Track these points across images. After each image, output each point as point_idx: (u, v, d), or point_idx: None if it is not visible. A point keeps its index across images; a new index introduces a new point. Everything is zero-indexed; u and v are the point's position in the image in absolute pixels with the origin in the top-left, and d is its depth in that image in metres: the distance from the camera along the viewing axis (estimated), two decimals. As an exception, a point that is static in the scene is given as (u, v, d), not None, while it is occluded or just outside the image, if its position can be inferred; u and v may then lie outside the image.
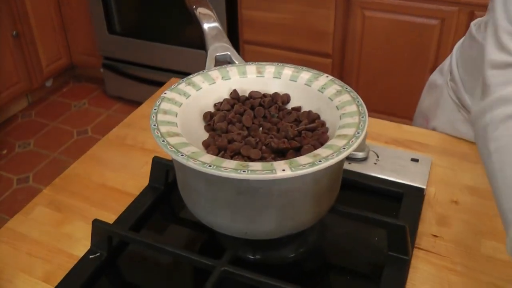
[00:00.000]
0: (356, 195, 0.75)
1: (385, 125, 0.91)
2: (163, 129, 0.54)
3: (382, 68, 2.07)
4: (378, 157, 0.80)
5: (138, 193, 0.75)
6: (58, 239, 0.69)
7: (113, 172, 0.81)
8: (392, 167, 0.78)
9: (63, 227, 0.71)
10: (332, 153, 0.50)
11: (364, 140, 0.80)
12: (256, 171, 0.48)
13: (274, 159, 0.54)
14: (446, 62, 0.97)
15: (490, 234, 0.69)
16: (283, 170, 0.48)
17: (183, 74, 2.45)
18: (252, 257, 0.63)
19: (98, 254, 0.63)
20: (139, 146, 0.87)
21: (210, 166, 0.48)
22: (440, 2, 1.85)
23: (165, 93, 0.61)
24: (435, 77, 0.99)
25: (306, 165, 0.49)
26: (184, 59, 2.42)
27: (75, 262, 0.65)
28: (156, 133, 0.54)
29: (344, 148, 0.51)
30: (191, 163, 0.49)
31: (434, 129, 0.94)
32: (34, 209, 0.74)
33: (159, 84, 2.51)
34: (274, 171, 0.48)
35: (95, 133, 2.57)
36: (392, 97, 2.12)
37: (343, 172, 0.72)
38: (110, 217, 0.71)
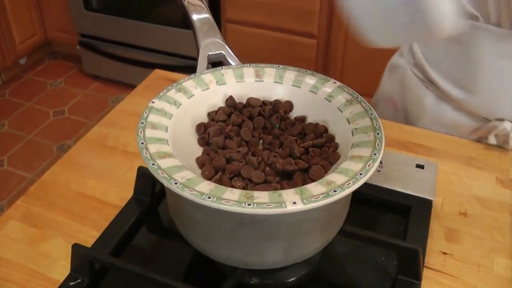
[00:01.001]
0: (360, 207, 0.69)
1: (386, 125, 0.86)
2: (153, 148, 0.48)
3: (369, 50, 2.01)
4: (381, 163, 0.75)
5: (121, 204, 0.69)
6: (34, 259, 0.62)
7: (93, 179, 0.73)
8: (397, 175, 0.73)
9: (39, 245, 0.64)
10: (348, 181, 0.44)
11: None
12: (263, 204, 0.42)
13: (279, 182, 0.48)
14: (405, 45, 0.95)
15: (503, 252, 0.64)
16: (294, 203, 0.42)
17: (162, 53, 2.36)
18: (252, 281, 0.58)
19: (79, 280, 0.57)
20: (121, 148, 0.79)
21: (209, 197, 0.42)
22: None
23: (153, 102, 0.54)
24: (395, 59, 0.99)
25: (320, 196, 0.42)
26: (163, 38, 2.32)
27: (53, 286, 0.58)
28: (145, 154, 0.47)
29: (361, 174, 0.45)
30: (186, 194, 0.43)
31: (404, 111, 0.93)
32: (7, 223, 0.67)
33: (138, 63, 2.44)
34: (283, 204, 0.42)
35: (72, 114, 2.47)
36: (379, 80, 2.06)
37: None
38: (90, 233, 0.65)
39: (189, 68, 2.29)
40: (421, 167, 0.75)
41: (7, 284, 0.59)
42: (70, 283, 0.57)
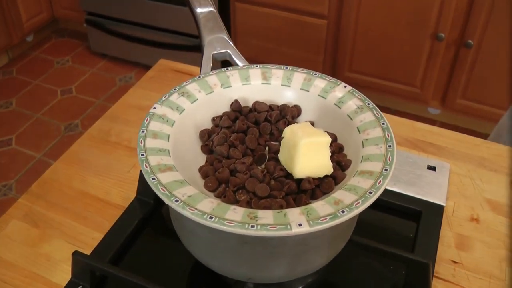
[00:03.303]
0: (368, 211, 0.67)
1: (397, 122, 0.83)
2: (153, 160, 0.46)
3: (380, 32, 1.97)
4: (391, 164, 0.72)
5: (124, 204, 0.67)
6: (35, 261, 0.61)
7: (96, 177, 0.72)
8: (407, 177, 0.70)
9: (40, 246, 0.63)
10: (357, 200, 0.42)
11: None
12: (267, 226, 0.40)
13: (285, 198, 0.46)
14: None
15: (516, 261, 0.62)
16: (300, 225, 0.40)
17: (170, 32, 2.32)
18: (254, 291, 0.56)
19: (80, 287, 0.56)
20: (124, 144, 0.77)
21: (211, 217, 0.40)
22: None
23: (154, 108, 0.52)
24: None
25: (327, 217, 0.41)
26: (171, 16, 2.28)
27: (54, 291, 0.57)
28: (145, 167, 0.45)
29: (370, 193, 0.43)
30: (187, 213, 0.41)
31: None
32: (9, 223, 0.66)
33: (145, 42, 2.41)
34: (288, 226, 0.40)
35: (80, 93, 2.45)
36: (391, 62, 2.02)
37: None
38: (92, 235, 0.64)
39: (197, 48, 2.26)
40: (433, 168, 0.72)
41: (8, 287, 0.58)
42: (71, 290, 0.56)
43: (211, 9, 0.67)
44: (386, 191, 0.67)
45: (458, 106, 1.96)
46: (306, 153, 0.45)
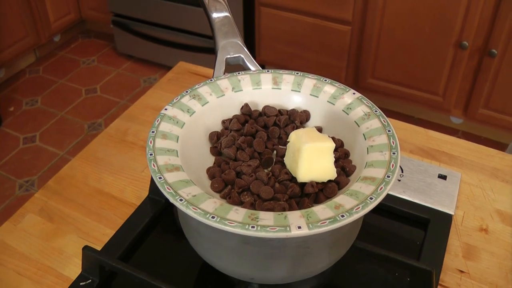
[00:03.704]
0: (377, 218, 0.68)
1: (412, 130, 0.83)
2: (161, 160, 0.47)
3: (404, 39, 1.96)
4: (402, 171, 0.73)
5: (137, 203, 0.69)
6: (48, 255, 0.63)
7: (111, 175, 0.74)
8: (417, 185, 0.70)
9: (54, 240, 0.65)
10: (358, 205, 0.43)
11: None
12: (267, 227, 0.41)
13: (288, 201, 0.47)
14: None
15: (523, 273, 0.62)
16: (299, 227, 0.41)
17: (194, 34, 2.35)
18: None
19: (90, 281, 0.58)
20: (140, 144, 0.79)
21: (213, 217, 0.41)
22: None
23: (165, 109, 0.53)
24: None
25: (326, 221, 0.41)
26: (195, 19, 2.31)
27: (65, 284, 0.59)
28: (153, 167, 0.46)
29: (371, 199, 0.43)
30: (191, 212, 0.42)
31: None
32: (25, 216, 0.68)
33: (170, 44, 2.44)
34: (288, 228, 0.41)
35: (104, 92, 2.50)
36: (413, 70, 2.01)
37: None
38: (105, 231, 0.66)
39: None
40: (444, 177, 0.72)
41: (21, 279, 0.60)
42: (81, 283, 0.57)
43: (227, 14, 0.68)
44: (395, 198, 0.68)
45: (480, 116, 1.94)
46: (309, 157, 0.46)
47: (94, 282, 0.58)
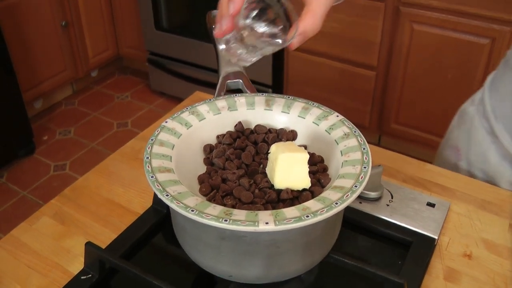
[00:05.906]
0: (362, 238, 0.72)
1: (406, 161, 0.87)
2: (155, 163, 0.53)
3: (427, 85, 2.00)
4: (392, 197, 0.77)
5: (142, 212, 0.75)
6: (57, 252, 0.69)
7: (122, 188, 0.81)
8: (405, 210, 0.74)
9: (63, 240, 0.71)
10: (323, 208, 0.48)
11: (379, 177, 0.77)
12: (238, 221, 0.46)
13: (265, 205, 0.52)
14: (478, 93, 0.93)
15: (501, 298, 0.64)
16: (267, 223, 0.46)
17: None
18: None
19: (90, 275, 0.63)
20: (151, 161, 0.86)
21: (192, 210, 0.47)
22: (491, 20, 1.77)
23: (166, 122, 0.60)
24: (466, 106, 0.95)
25: (292, 219, 0.46)
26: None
27: (69, 278, 0.65)
28: (147, 167, 0.53)
29: (336, 204, 0.48)
30: (173, 205, 0.48)
31: (467, 161, 0.90)
32: (40, 218, 0.75)
33: (203, 83, 2.55)
34: (256, 223, 0.46)
35: (135, 127, 2.61)
36: (434, 116, 2.04)
37: (351, 212, 0.69)
38: (109, 236, 0.71)
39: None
40: (432, 205, 0.76)
41: (31, 272, 0.67)
42: (82, 277, 0.63)
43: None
44: (380, 220, 0.72)
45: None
46: (285, 165, 0.52)
47: (94, 277, 0.63)
